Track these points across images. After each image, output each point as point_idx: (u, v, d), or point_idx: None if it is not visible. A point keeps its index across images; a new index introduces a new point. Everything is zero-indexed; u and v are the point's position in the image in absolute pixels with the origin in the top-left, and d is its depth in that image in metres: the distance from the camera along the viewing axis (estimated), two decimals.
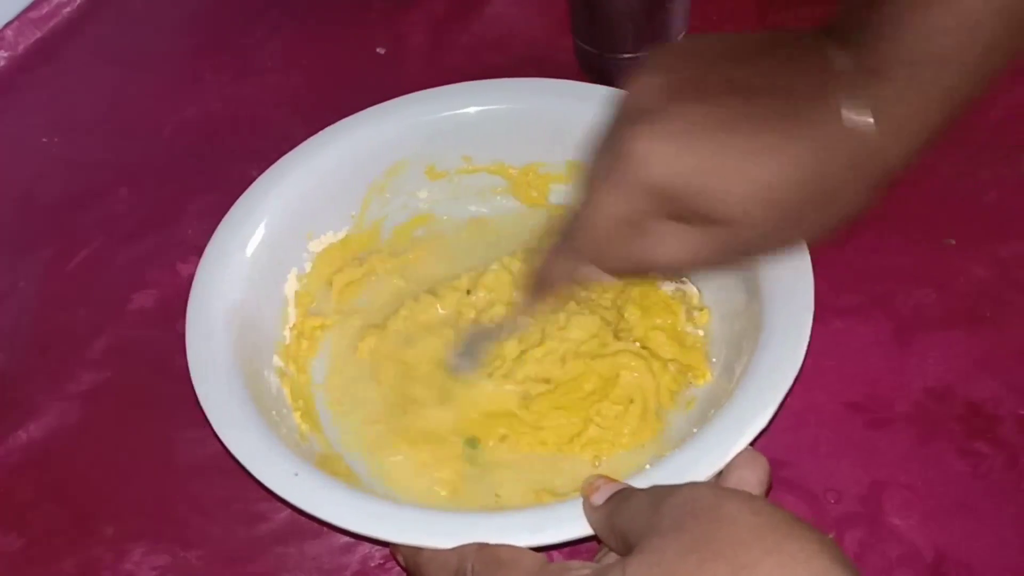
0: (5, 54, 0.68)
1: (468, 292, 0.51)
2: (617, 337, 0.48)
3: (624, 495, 0.37)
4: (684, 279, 0.50)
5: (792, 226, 0.36)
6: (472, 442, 0.47)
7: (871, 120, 0.35)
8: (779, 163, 0.35)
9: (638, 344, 0.48)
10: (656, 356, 0.48)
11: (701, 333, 0.49)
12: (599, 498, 0.37)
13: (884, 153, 0.35)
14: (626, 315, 0.49)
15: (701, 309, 0.49)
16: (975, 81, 0.36)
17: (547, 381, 0.48)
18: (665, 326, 0.49)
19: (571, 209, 0.39)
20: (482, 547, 0.37)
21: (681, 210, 0.36)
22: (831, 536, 0.41)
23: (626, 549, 0.35)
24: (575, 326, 0.49)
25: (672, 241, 0.37)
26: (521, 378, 0.48)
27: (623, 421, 0.46)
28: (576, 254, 0.40)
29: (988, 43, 0.35)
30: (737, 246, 0.37)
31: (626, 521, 0.35)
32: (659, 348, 0.48)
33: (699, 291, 0.50)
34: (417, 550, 0.39)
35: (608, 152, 0.37)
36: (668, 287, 0.51)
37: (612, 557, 0.37)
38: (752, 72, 0.36)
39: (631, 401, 0.46)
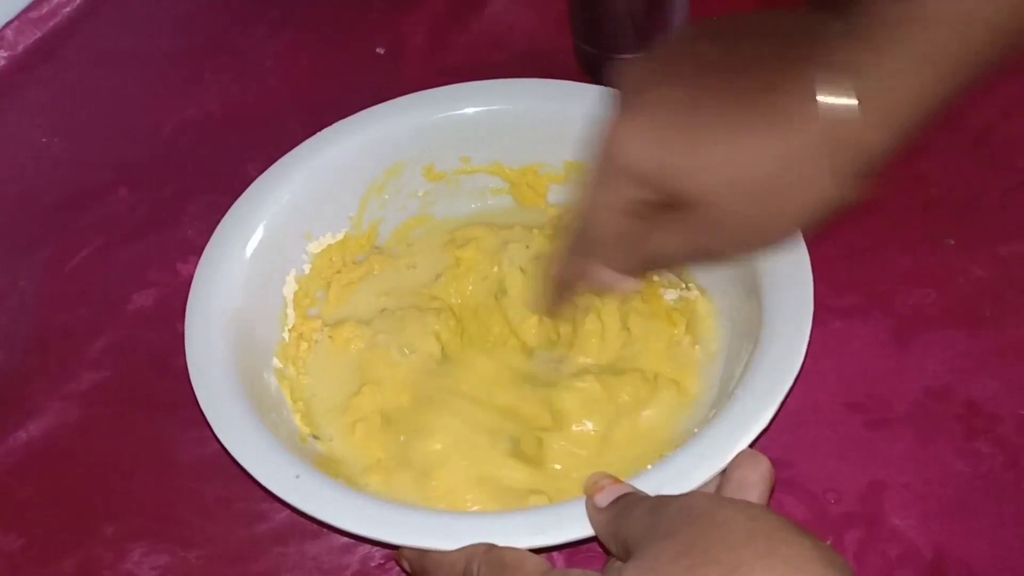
0: (5, 54, 0.68)
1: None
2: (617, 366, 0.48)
3: (628, 502, 0.36)
4: (687, 286, 0.50)
5: (767, 212, 0.36)
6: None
7: (853, 102, 0.33)
8: (746, 145, 0.34)
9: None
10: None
11: (697, 348, 0.49)
12: (603, 499, 0.37)
13: (865, 138, 0.34)
14: (629, 325, 0.49)
15: (704, 319, 0.49)
16: (972, 59, 0.33)
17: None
18: (664, 337, 0.49)
19: (573, 208, 0.40)
20: (490, 549, 0.37)
21: (663, 197, 0.36)
22: (829, 542, 0.41)
23: (628, 556, 0.35)
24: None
25: (665, 232, 0.38)
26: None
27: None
28: (584, 252, 0.40)
29: (992, 17, 0.33)
30: (720, 234, 0.37)
31: (628, 529, 0.35)
32: (654, 363, 0.48)
33: (704, 297, 0.50)
34: (423, 552, 0.39)
35: (599, 142, 0.38)
36: (671, 296, 0.50)
37: (619, 565, 0.37)
38: (736, 50, 0.36)
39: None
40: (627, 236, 0.39)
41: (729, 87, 0.35)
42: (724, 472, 0.39)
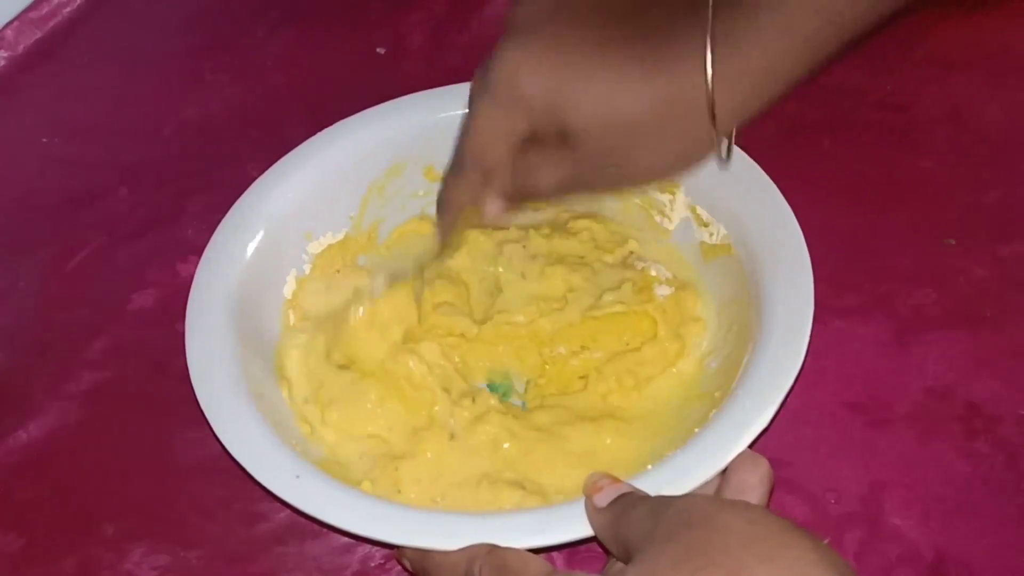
0: (5, 54, 0.68)
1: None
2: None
3: (628, 503, 0.36)
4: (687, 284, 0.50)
5: (642, 152, 0.39)
6: None
7: (729, 66, 0.36)
8: (630, 88, 0.37)
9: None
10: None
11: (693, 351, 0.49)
12: (602, 499, 0.37)
13: (736, 98, 0.37)
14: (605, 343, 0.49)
15: (697, 318, 0.49)
16: (838, 31, 0.37)
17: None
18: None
19: (462, 132, 0.42)
20: (492, 550, 0.37)
21: (547, 128, 0.39)
22: (827, 541, 0.41)
23: (628, 558, 0.34)
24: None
25: (547, 162, 0.40)
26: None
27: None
28: (469, 174, 0.42)
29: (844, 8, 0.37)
30: (598, 170, 0.39)
31: (628, 530, 0.35)
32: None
33: (696, 294, 0.50)
34: (425, 553, 0.39)
35: (488, 69, 0.39)
36: (663, 291, 0.50)
37: (619, 566, 0.37)
38: (630, 1, 0.39)
39: None
40: (512, 165, 0.40)
41: (620, 32, 0.38)
42: (724, 474, 0.39)
